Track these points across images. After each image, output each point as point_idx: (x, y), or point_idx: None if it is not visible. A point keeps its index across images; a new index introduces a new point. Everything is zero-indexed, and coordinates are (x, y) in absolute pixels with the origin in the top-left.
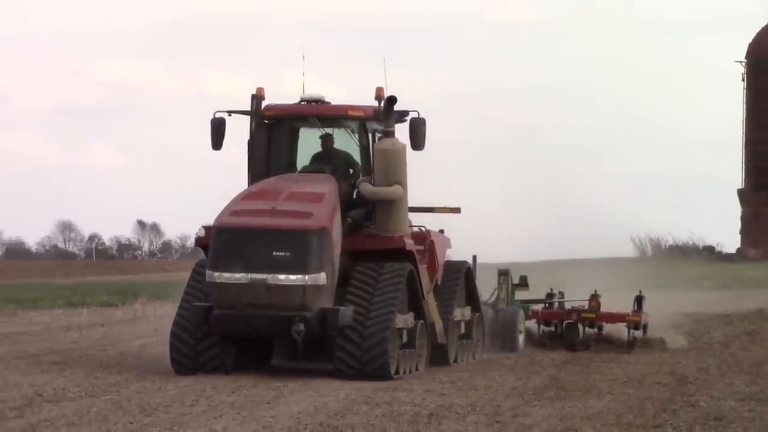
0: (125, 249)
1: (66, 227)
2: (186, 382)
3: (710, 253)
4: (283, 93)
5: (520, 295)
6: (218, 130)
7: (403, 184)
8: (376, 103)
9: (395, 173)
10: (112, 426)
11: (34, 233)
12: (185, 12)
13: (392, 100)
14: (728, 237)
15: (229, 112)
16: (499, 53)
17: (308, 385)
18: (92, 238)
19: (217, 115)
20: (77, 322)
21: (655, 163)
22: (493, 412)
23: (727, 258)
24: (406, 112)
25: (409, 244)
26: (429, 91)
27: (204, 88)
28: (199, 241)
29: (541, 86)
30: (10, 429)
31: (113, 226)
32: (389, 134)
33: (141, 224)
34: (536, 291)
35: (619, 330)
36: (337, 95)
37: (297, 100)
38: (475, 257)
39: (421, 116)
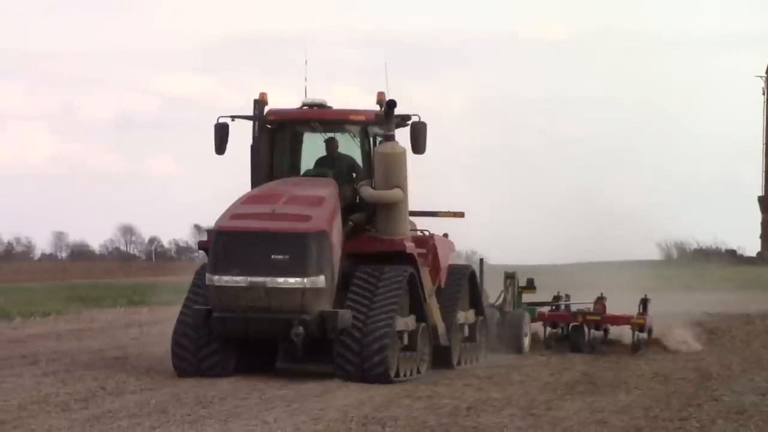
0: (183, 251)
1: (127, 231)
2: (239, 377)
3: (732, 256)
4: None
5: (527, 297)
6: (222, 135)
7: (403, 188)
8: (377, 108)
9: (395, 177)
10: (170, 417)
11: (97, 236)
12: (237, 29)
13: (392, 104)
14: (749, 241)
15: (233, 117)
16: (531, 68)
17: None
18: (152, 241)
19: (221, 120)
20: (138, 319)
21: (680, 172)
22: (528, 406)
23: (748, 261)
24: (407, 117)
25: (410, 247)
26: (460, 100)
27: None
28: (202, 245)
29: (569, 98)
30: (75, 420)
31: (171, 230)
32: (390, 138)
33: (197, 228)
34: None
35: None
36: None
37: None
38: (482, 260)
39: (422, 120)
